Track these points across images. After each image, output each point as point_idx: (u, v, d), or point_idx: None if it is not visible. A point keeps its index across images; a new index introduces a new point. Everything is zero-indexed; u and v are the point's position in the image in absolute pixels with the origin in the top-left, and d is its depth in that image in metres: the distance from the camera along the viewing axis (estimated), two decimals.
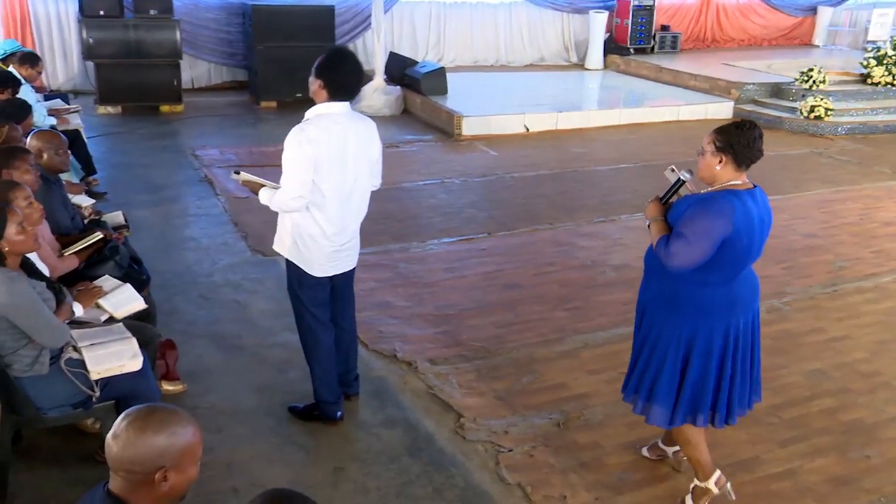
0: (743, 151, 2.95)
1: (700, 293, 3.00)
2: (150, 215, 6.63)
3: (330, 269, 3.66)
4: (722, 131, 2.99)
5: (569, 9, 14.42)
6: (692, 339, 3.05)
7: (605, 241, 6.45)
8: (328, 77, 3.41)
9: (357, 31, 12.71)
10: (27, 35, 10.73)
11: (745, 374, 3.14)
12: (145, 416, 1.83)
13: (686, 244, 2.90)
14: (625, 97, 12.35)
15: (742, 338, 3.08)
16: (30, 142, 4.29)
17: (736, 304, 3.05)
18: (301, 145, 3.34)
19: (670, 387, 3.11)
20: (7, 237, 3.00)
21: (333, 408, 3.84)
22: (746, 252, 2.97)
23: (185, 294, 5.19)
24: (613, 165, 8.77)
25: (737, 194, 2.93)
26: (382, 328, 4.83)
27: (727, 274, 3.00)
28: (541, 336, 4.79)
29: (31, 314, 2.99)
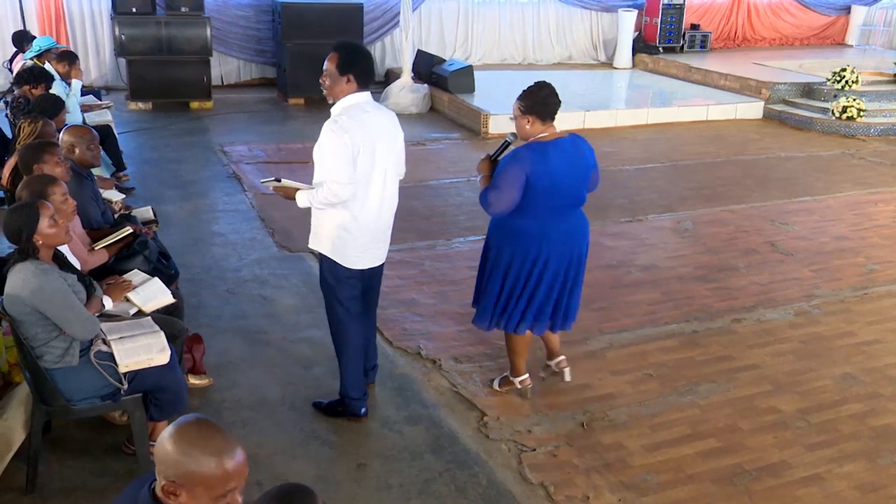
0: (542, 108, 3.58)
1: (519, 224, 3.67)
2: (178, 210, 6.70)
3: (366, 262, 3.69)
4: (523, 97, 3.61)
5: (597, 7, 14.32)
6: (511, 260, 3.73)
7: (631, 240, 6.41)
8: (355, 70, 3.48)
9: (385, 28, 12.74)
10: (61, 32, 10.89)
11: (548, 300, 3.79)
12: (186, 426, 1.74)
13: (497, 193, 3.57)
14: (653, 96, 12.25)
15: (552, 266, 3.71)
16: (62, 137, 4.35)
17: (547, 237, 3.66)
18: (339, 135, 3.39)
19: (490, 297, 3.81)
20: (40, 230, 3.04)
21: (358, 404, 3.86)
22: (551, 191, 3.56)
23: (213, 289, 5.24)
24: (641, 165, 8.71)
25: (537, 145, 3.56)
26: (407, 325, 4.84)
27: (537, 211, 3.61)
28: (565, 335, 4.73)
29: (62, 306, 3.03)
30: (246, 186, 7.37)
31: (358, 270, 3.69)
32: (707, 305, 5.26)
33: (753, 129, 10.69)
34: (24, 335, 3.06)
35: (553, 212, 3.64)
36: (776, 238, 6.55)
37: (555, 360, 4.24)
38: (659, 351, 4.64)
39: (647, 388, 4.24)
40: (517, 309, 3.83)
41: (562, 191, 3.60)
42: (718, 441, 3.80)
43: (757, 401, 4.16)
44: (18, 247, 3.05)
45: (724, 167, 8.74)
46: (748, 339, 4.83)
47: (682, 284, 5.59)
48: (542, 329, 3.90)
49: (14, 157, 4.42)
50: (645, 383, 4.29)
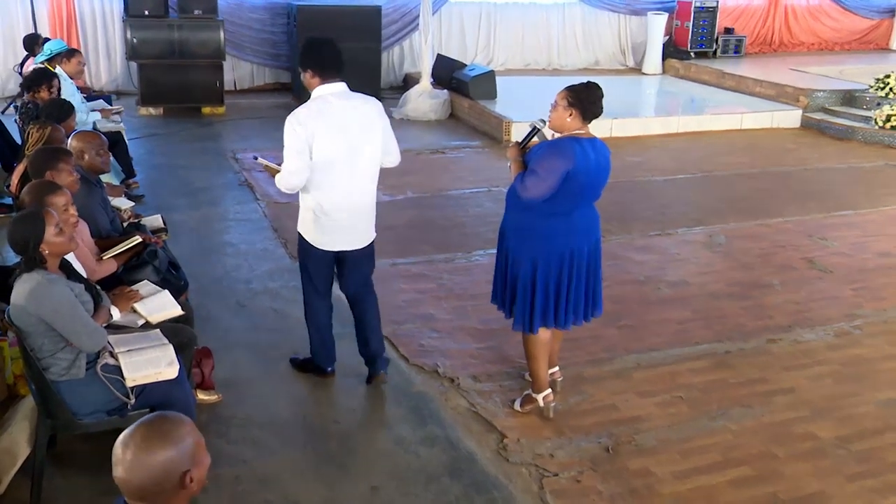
0: (589, 107, 3.77)
1: (544, 223, 3.83)
2: (188, 219, 6.77)
3: (336, 244, 4.06)
4: (573, 90, 3.78)
5: (626, 10, 14.33)
6: (536, 259, 3.86)
7: (660, 255, 6.39)
8: (313, 63, 3.88)
9: (404, 32, 12.82)
10: (72, 35, 11.07)
11: (580, 290, 3.96)
12: (147, 435, 1.86)
13: (537, 179, 3.72)
14: (684, 104, 12.22)
15: (577, 259, 3.89)
16: (71, 142, 4.42)
17: (572, 232, 3.86)
18: (292, 126, 3.79)
19: (524, 298, 3.94)
20: (46, 239, 3.09)
21: (324, 363, 4.37)
22: (584, 188, 3.79)
23: (223, 301, 5.28)
24: (671, 176, 8.68)
25: (579, 140, 3.77)
26: (424, 342, 4.85)
27: (567, 205, 3.80)
28: (590, 354, 4.76)
29: (69, 317, 3.07)
30: (258, 195, 7.43)
31: (329, 252, 4.07)
32: (740, 325, 5.23)
33: (790, 138, 10.63)
34: (30, 346, 3.11)
35: (577, 206, 3.86)
36: (814, 254, 6.50)
37: (550, 369, 4.28)
38: (689, 372, 4.61)
39: (676, 412, 4.21)
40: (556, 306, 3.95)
41: (590, 188, 3.85)
42: (752, 469, 3.77)
43: (793, 427, 4.12)
44: (25, 257, 3.10)
45: (759, 179, 8.69)
46: (784, 361, 4.79)
47: (714, 302, 5.56)
48: (581, 320, 4.07)
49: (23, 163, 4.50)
50: (674, 406, 4.26)
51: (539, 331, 3.98)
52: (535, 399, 4.13)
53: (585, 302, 4.04)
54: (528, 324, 3.97)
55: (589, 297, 4.05)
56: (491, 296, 4.22)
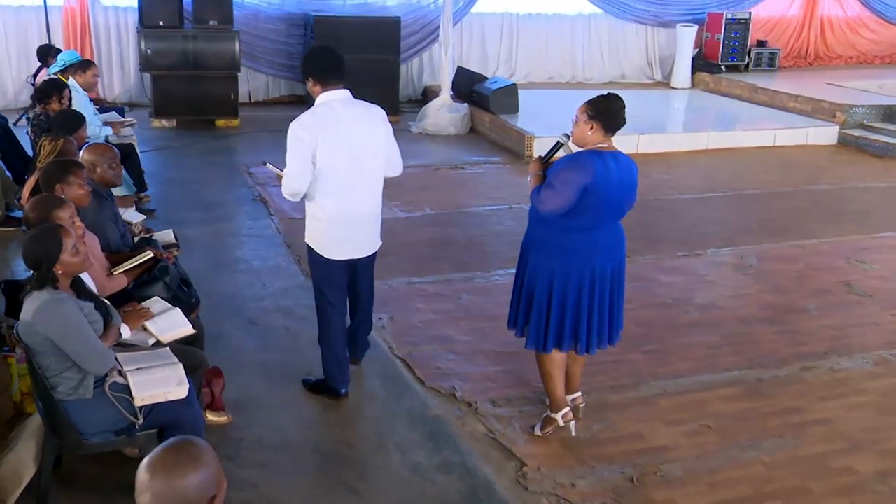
0: (610, 120, 3.78)
1: (564, 237, 3.84)
2: (200, 234, 6.83)
3: (343, 253, 4.19)
4: (593, 103, 3.80)
5: (654, 22, 14.36)
6: (553, 275, 3.88)
7: (688, 277, 6.36)
8: (313, 71, 4.05)
9: (424, 43, 12.92)
10: (86, 45, 11.25)
11: (604, 313, 3.96)
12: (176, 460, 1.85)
13: (553, 192, 3.76)
14: (714, 119, 12.20)
15: (599, 280, 3.90)
16: (83, 155, 4.47)
17: (594, 250, 3.87)
18: (295, 131, 3.96)
19: (539, 316, 3.94)
20: (62, 260, 3.14)
21: (338, 385, 4.39)
22: (605, 202, 3.79)
23: (234, 319, 5.31)
24: (700, 194, 8.66)
25: (600, 154, 3.78)
26: (441, 364, 4.85)
27: (588, 221, 3.81)
28: (614, 380, 4.73)
29: (76, 339, 3.11)
30: (272, 210, 7.49)
31: (337, 260, 4.19)
32: (773, 351, 5.19)
33: (826, 156, 10.57)
34: (38, 364, 3.14)
35: (599, 223, 3.87)
36: (852, 277, 6.44)
37: (572, 395, 4.27)
38: (718, 400, 4.58)
39: (704, 441, 4.17)
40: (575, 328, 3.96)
41: (613, 203, 3.84)
42: None
43: (830, 460, 4.07)
44: (37, 274, 3.14)
45: (793, 198, 8.64)
46: (819, 390, 4.73)
47: (745, 327, 5.52)
48: (605, 344, 4.07)
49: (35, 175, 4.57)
50: (702, 435, 4.23)
51: (553, 351, 4.00)
52: (554, 419, 4.12)
53: (610, 325, 4.04)
54: (542, 343, 3.98)
55: (614, 320, 4.04)
56: (508, 320, 4.22)
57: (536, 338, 4.00)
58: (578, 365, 4.25)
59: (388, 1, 12.72)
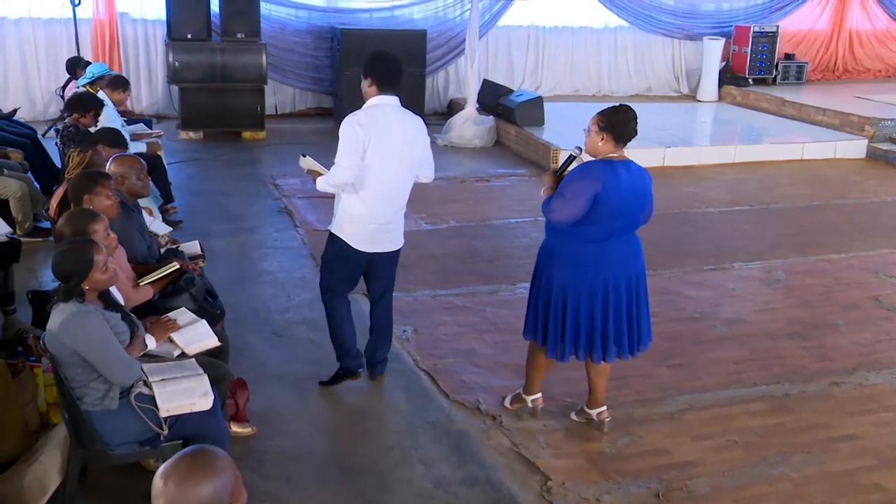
0: (620, 130, 3.85)
1: (577, 248, 3.91)
2: (226, 246, 6.88)
3: (373, 247, 4.41)
4: (604, 113, 3.89)
5: (680, 35, 14.31)
6: (566, 286, 3.95)
7: (715, 291, 6.31)
8: (375, 73, 4.27)
9: (450, 56, 12.95)
10: (114, 58, 11.38)
11: (621, 323, 4.00)
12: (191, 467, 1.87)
13: (563, 201, 3.83)
14: (741, 132, 12.12)
15: (612, 291, 3.93)
16: (110, 167, 4.51)
17: (608, 262, 3.91)
18: (352, 127, 4.18)
19: (556, 326, 4.02)
20: (91, 277, 3.18)
21: (353, 365, 4.62)
22: (617, 212, 3.83)
23: (259, 331, 5.34)
24: (727, 208, 8.60)
25: (610, 163, 3.84)
26: (465, 377, 4.84)
27: (600, 231, 3.86)
28: (640, 394, 4.70)
29: (102, 351, 3.13)
30: (297, 222, 7.52)
31: (365, 253, 4.42)
32: (801, 366, 5.13)
33: (855, 170, 10.47)
34: (63, 375, 3.17)
35: (613, 233, 3.90)
36: (881, 292, 6.35)
37: (596, 409, 4.31)
38: (745, 415, 4.53)
39: (731, 457, 4.13)
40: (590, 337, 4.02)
41: (625, 213, 3.88)
42: None
43: (858, 476, 4.01)
44: (64, 286, 3.17)
45: (822, 212, 8.56)
46: (848, 406, 4.68)
47: (773, 342, 5.47)
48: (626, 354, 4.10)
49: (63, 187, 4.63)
50: (729, 451, 4.18)
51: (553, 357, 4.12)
52: (524, 399, 4.39)
53: (629, 335, 4.05)
54: (560, 352, 4.07)
55: (633, 330, 4.06)
56: (524, 329, 4.28)
57: (555, 347, 4.08)
58: (602, 378, 4.23)
59: (414, 14, 12.77)
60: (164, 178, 7.30)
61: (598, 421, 4.27)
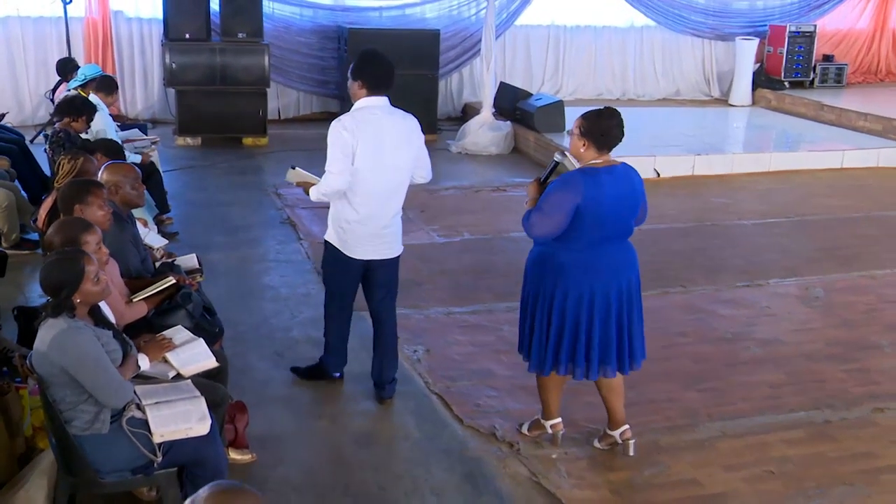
0: (602, 139, 3.88)
1: (564, 256, 3.94)
2: (225, 259, 6.90)
3: (368, 253, 4.53)
4: (586, 117, 3.93)
5: (711, 34, 14.32)
6: (552, 296, 3.97)
7: (749, 309, 6.29)
8: (364, 75, 4.38)
9: (464, 58, 13.00)
10: (108, 59, 11.48)
11: (609, 338, 4.00)
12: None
13: (542, 215, 3.89)
14: (777, 139, 12.10)
15: (601, 302, 3.96)
16: (103, 175, 4.52)
17: (595, 270, 3.94)
18: (339, 132, 4.33)
19: (540, 337, 4.05)
20: (82, 289, 3.19)
21: (333, 367, 4.87)
22: (602, 221, 3.86)
23: (260, 350, 5.35)
24: (761, 220, 8.57)
25: (591, 171, 3.87)
26: (480, 401, 4.83)
27: (587, 242, 3.90)
28: (668, 420, 4.68)
29: (93, 369, 3.14)
30: (301, 234, 7.55)
31: (359, 261, 4.53)
32: (842, 390, 5.09)
33: None
34: (51, 397, 3.18)
35: (600, 243, 3.94)
36: None
37: (618, 429, 4.29)
38: (782, 443, 4.51)
39: (767, 489, 4.10)
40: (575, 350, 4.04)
41: (611, 221, 3.91)
42: None
43: None
44: (53, 301, 3.18)
45: (863, 224, 8.52)
46: (893, 434, 4.64)
47: (811, 364, 5.44)
48: (613, 371, 4.10)
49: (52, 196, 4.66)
50: (765, 482, 4.16)
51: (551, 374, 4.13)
52: (543, 425, 4.37)
53: (618, 351, 4.07)
54: (542, 366, 4.11)
55: (623, 345, 4.08)
56: (518, 344, 4.30)
57: (539, 361, 4.12)
58: (614, 395, 4.26)
59: (426, 12, 12.85)
60: (159, 187, 7.34)
61: (622, 442, 4.27)
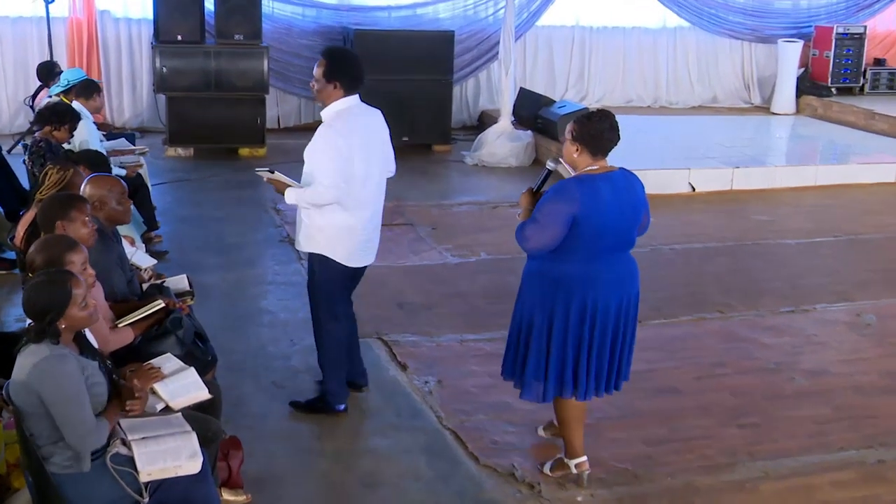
0: (594, 143, 3.97)
1: (561, 268, 4.02)
2: (219, 281, 6.92)
3: (363, 259, 4.77)
4: (577, 121, 4.01)
5: (751, 36, 14.33)
6: (552, 312, 4.04)
7: (794, 337, 6.27)
8: (341, 76, 4.54)
9: (481, 61, 13.02)
10: (93, 62, 11.50)
11: (604, 355, 4.11)
12: None
13: (537, 227, 3.97)
14: (824, 150, 12.08)
15: (601, 316, 4.03)
16: (87, 189, 4.52)
17: (595, 283, 4.01)
18: (334, 140, 4.45)
19: (538, 360, 4.11)
20: (69, 314, 3.19)
21: (337, 401, 4.90)
22: (601, 232, 3.94)
23: (256, 380, 5.35)
24: (807, 239, 8.55)
25: (587, 179, 3.97)
26: (497, 437, 4.81)
27: (585, 254, 3.98)
28: (705, 459, 4.66)
29: (66, 405, 3.12)
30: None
31: (356, 269, 4.76)
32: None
33: None
34: (29, 431, 3.18)
35: (600, 255, 4.03)
36: None
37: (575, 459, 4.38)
38: (831, 486, 4.49)
39: None
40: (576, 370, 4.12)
41: (611, 231, 4.00)
42: None
43: None
44: (37, 325, 3.19)
45: None
46: None
47: (863, 398, 5.42)
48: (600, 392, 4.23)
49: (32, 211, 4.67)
50: None
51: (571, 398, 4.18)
52: (567, 465, 4.36)
53: (609, 370, 4.18)
54: (542, 393, 4.16)
55: (614, 364, 4.19)
56: (502, 368, 4.40)
57: (536, 387, 4.18)
58: None
59: (439, 12, 12.88)
60: (147, 201, 7.37)
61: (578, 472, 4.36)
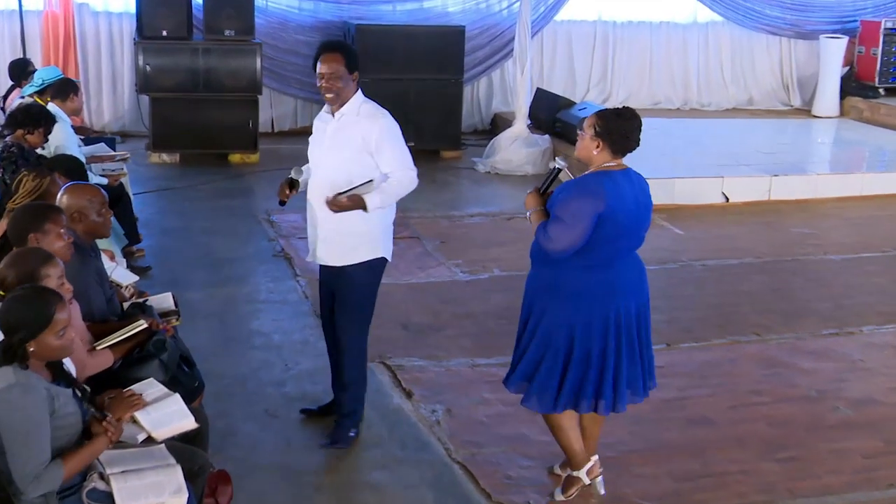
0: (620, 141, 4.07)
1: (580, 278, 4.10)
2: (207, 299, 6.93)
3: None
4: (603, 116, 4.11)
5: (790, 32, 14.34)
6: (573, 325, 4.13)
7: (838, 362, 6.25)
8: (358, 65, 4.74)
9: (494, 60, 13.03)
10: (70, 60, 11.55)
11: (634, 360, 4.24)
12: None
13: (564, 227, 4.02)
14: (871, 157, 12.07)
15: (625, 322, 4.15)
16: (63, 199, 4.51)
17: (617, 289, 4.14)
18: (396, 123, 4.75)
19: (551, 373, 4.18)
20: (41, 339, 3.17)
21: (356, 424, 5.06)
22: (623, 230, 4.08)
23: (248, 408, 5.35)
24: (852, 254, 8.54)
25: (608, 174, 4.08)
26: (512, 472, 4.81)
27: (605, 255, 4.10)
28: (740, 497, 4.66)
29: (23, 437, 3.10)
30: (298, 269, 7.56)
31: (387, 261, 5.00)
32: None
33: None
34: None
35: (618, 256, 4.16)
36: None
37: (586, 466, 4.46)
38: None
39: None
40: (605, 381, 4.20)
41: (629, 231, 4.15)
42: None
43: None
44: (4, 342, 3.19)
45: None
46: None
47: None
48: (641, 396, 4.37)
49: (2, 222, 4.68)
50: None
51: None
52: (577, 478, 4.41)
53: (642, 373, 4.31)
54: (553, 403, 4.22)
55: (645, 366, 4.32)
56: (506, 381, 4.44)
57: (549, 399, 4.22)
58: (598, 425, 4.44)
59: (448, 7, 12.91)
60: (128, 212, 7.37)
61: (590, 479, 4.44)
